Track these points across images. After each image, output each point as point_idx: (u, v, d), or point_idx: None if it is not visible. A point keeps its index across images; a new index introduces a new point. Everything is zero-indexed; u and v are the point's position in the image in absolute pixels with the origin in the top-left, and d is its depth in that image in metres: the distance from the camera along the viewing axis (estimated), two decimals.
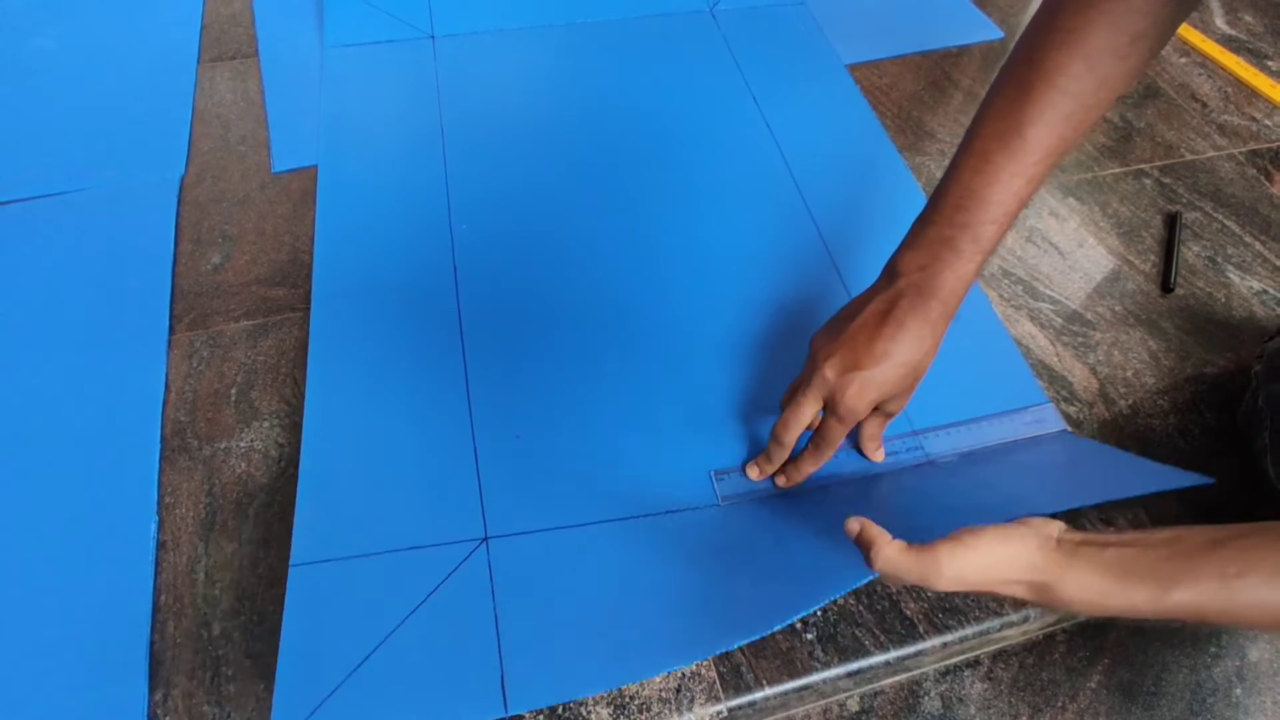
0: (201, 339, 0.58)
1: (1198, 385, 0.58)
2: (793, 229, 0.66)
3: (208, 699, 0.43)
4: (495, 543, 0.48)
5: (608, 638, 0.44)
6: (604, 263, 0.63)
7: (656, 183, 0.69)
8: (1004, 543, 0.37)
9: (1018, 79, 0.44)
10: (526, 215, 0.66)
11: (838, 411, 0.46)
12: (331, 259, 0.62)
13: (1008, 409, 0.56)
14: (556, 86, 0.78)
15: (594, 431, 0.54)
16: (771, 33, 0.84)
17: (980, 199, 0.44)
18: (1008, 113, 0.44)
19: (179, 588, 0.47)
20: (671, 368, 0.57)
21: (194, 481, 0.51)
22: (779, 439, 0.49)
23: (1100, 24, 0.42)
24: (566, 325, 0.59)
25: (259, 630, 0.46)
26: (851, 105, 0.77)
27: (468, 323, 0.59)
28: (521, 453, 0.52)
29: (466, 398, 0.55)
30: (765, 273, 0.63)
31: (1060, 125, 0.43)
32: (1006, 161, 0.44)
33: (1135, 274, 0.65)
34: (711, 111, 0.76)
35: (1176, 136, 0.77)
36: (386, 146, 0.71)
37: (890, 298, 0.46)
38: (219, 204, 0.67)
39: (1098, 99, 0.43)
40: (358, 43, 0.79)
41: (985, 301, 0.63)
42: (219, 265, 0.63)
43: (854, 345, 0.46)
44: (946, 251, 0.45)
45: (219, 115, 0.75)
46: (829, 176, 0.70)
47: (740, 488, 0.51)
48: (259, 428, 0.54)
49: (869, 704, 0.50)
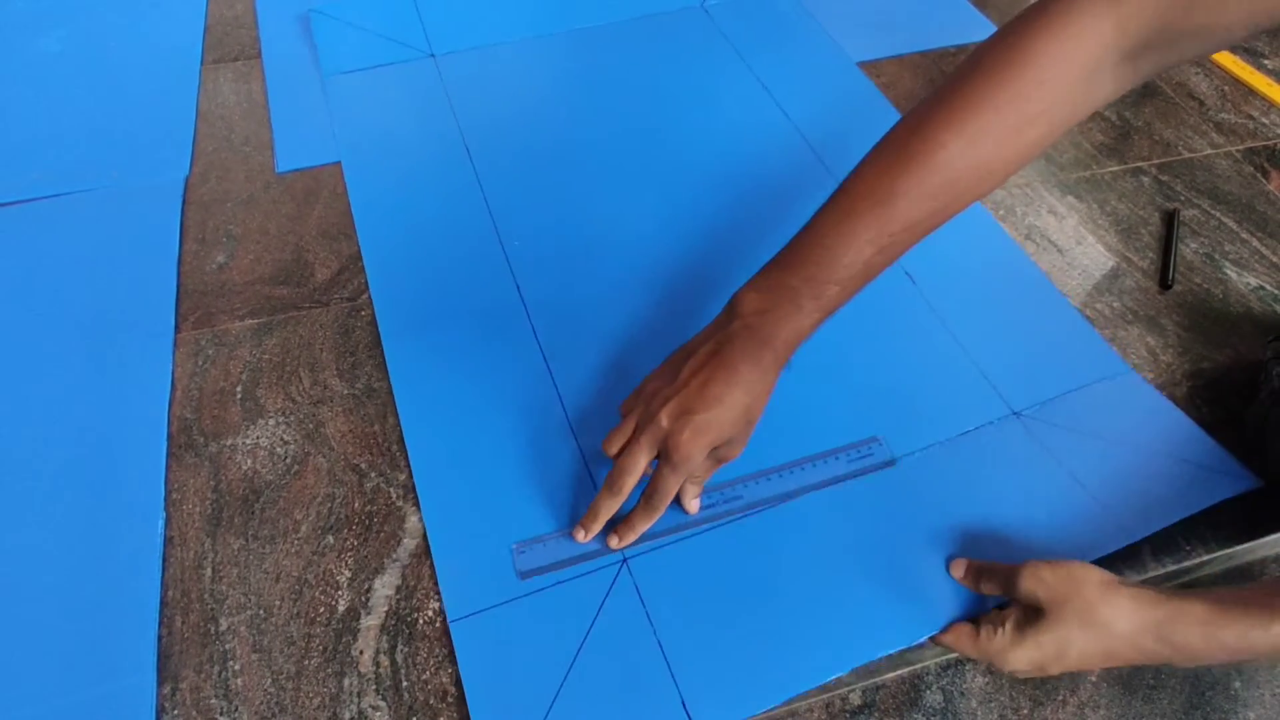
0: (207, 337, 0.59)
1: (1196, 380, 0.59)
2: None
3: (215, 693, 0.44)
4: (634, 561, 0.48)
5: (769, 642, 0.46)
6: (655, 258, 0.64)
7: (688, 176, 0.70)
8: (1111, 605, 0.39)
9: (901, 144, 0.43)
10: (572, 219, 0.67)
11: (672, 459, 0.44)
12: (389, 293, 0.61)
13: (1090, 381, 0.57)
14: (568, 92, 0.79)
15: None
16: (764, 21, 0.86)
17: (832, 257, 0.43)
18: (883, 175, 0.43)
19: (186, 583, 0.47)
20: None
21: (200, 478, 0.52)
22: (615, 488, 0.47)
23: (988, 108, 0.41)
24: (640, 327, 0.60)
25: (266, 625, 0.46)
26: (857, 85, 0.79)
27: (542, 335, 0.59)
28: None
29: (562, 408, 0.55)
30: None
31: (929, 202, 0.43)
32: (866, 227, 0.43)
33: (1134, 271, 0.66)
34: (724, 101, 0.77)
35: (1174, 134, 0.77)
36: (414, 168, 0.71)
37: (724, 338, 0.45)
38: (223, 204, 0.68)
39: (973, 182, 0.43)
40: (358, 68, 0.79)
41: (1045, 280, 0.64)
42: (223, 264, 0.63)
43: (686, 389, 0.44)
44: (787, 302, 0.44)
45: (223, 116, 0.75)
46: (855, 155, 0.72)
47: (542, 560, 0.48)
48: (264, 425, 0.54)
49: (871, 698, 0.50)
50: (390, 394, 0.56)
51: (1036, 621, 0.41)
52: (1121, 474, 0.53)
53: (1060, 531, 0.50)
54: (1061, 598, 0.40)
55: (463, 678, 0.44)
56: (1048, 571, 0.41)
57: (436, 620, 0.46)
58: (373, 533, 0.50)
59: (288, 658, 0.45)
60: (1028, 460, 0.53)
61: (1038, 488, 0.52)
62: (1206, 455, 0.54)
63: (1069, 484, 0.52)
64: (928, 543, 0.50)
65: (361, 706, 0.43)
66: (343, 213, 0.67)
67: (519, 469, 0.52)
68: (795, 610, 0.47)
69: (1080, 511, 0.51)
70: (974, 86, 0.41)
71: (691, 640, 0.46)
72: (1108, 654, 0.40)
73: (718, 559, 0.49)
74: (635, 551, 0.49)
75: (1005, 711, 0.53)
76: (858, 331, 0.59)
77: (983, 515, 0.51)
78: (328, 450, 0.53)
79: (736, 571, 0.48)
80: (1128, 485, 0.52)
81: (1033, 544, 0.50)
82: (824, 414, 0.55)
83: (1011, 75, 0.40)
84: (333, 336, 0.59)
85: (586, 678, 0.44)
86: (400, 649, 0.45)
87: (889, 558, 0.49)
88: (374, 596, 0.47)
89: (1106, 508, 0.51)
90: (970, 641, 0.45)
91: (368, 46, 0.81)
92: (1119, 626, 0.39)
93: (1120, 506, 0.51)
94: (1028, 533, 0.50)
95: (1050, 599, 0.40)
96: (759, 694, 0.44)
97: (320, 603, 0.47)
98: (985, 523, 0.51)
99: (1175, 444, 0.54)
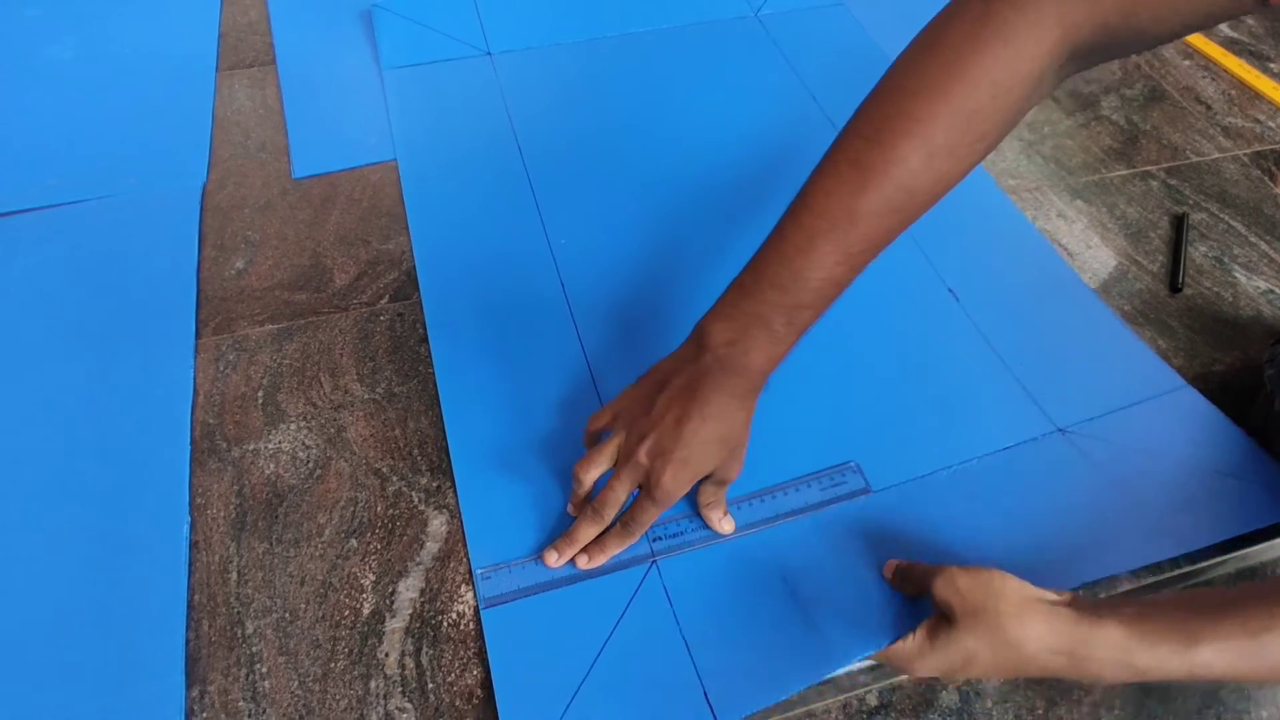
0: (227, 343, 0.59)
1: (1206, 383, 0.59)
2: None
3: (243, 695, 0.44)
4: (663, 562, 0.49)
5: (792, 636, 0.46)
6: (700, 262, 0.65)
7: (735, 183, 0.71)
8: (1023, 624, 0.38)
9: (856, 160, 0.42)
10: (619, 221, 0.68)
11: (654, 495, 0.45)
12: (437, 284, 0.63)
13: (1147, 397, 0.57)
14: (620, 95, 0.79)
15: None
16: (817, 33, 0.86)
17: (801, 280, 0.42)
18: (840, 195, 0.42)
19: (212, 587, 0.48)
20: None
21: (224, 483, 0.52)
22: (596, 518, 0.47)
23: (946, 121, 0.40)
24: (681, 322, 0.60)
25: (292, 629, 0.47)
26: None
27: (585, 335, 0.60)
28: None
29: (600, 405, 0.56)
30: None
31: (891, 218, 0.42)
32: (832, 247, 0.42)
33: (1143, 274, 0.66)
34: (773, 111, 0.78)
35: (1182, 139, 0.78)
36: (466, 162, 0.72)
37: (697, 373, 0.44)
38: (241, 210, 0.68)
39: (930, 196, 0.42)
40: (415, 63, 0.81)
41: (1093, 297, 0.64)
42: (242, 270, 0.64)
43: (663, 427, 0.44)
44: (759, 330, 0.43)
45: (238, 123, 0.76)
46: None
47: (505, 586, 0.48)
48: (286, 430, 0.55)
49: (887, 699, 0.50)
50: (410, 397, 0.57)
51: (947, 629, 0.41)
52: (1172, 488, 0.52)
53: (1104, 549, 0.50)
54: (973, 609, 0.39)
55: (490, 662, 0.45)
56: (964, 579, 0.40)
57: (461, 622, 0.47)
58: (396, 536, 0.50)
59: (314, 660, 0.45)
60: (1073, 475, 0.53)
61: (1081, 503, 0.52)
62: (1265, 473, 0.53)
63: (1115, 495, 0.52)
64: (956, 558, 0.50)
65: (388, 709, 0.44)
66: (360, 218, 0.68)
67: (555, 466, 0.53)
68: (817, 609, 0.47)
69: (1127, 524, 0.51)
70: (929, 98, 0.40)
71: (715, 637, 0.46)
72: (1014, 670, 0.39)
73: (746, 562, 0.49)
74: (664, 552, 0.49)
75: (1021, 711, 0.53)
76: (899, 349, 0.60)
77: (1021, 529, 0.51)
78: (349, 454, 0.54)
79: (763, 575, 0.49)
80: (1179, 500, 0.52)
81: (1073, 559, 0.49)
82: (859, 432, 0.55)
83: (966, 89, 0.40)
84: (352, 341, 0.60)
85: (613, 667, 0.45)
86: (425, 651, 0.46)
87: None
88: (398, 599, 0.48)
89: (1157, 522, 0.51)
90: (880, 654, 0.45)
91: (426, 42, 0.83)
92: (1028, 647, 0.38)
93: (1171, 520, 0.51)
94: (1069, 546, 0.50)
95: (962, 608, 0.40)
96: (776, 685, 0.44)
97: (345, 606, 0.47)
98: (1026, 535, 0.50)
99: (1233, 461, 0.54)
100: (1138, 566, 0.49)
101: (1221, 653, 0.35)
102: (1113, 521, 0.51)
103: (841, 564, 0.49)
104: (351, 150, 0.73)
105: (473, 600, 0.48)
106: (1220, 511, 0.52)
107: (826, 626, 0.47)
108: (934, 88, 0.40)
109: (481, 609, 0.47)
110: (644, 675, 0.45)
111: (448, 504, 0.52)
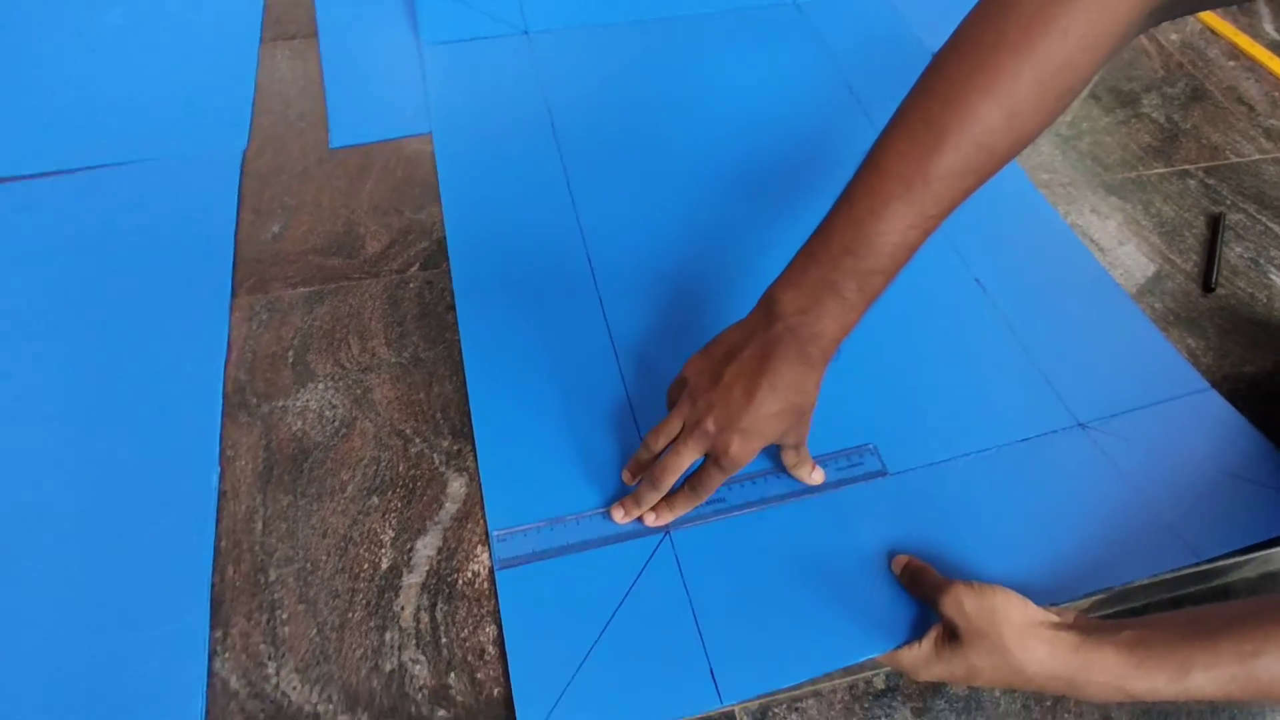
0: (261, 303, 0.61)
1: (1235, 384, 0.58)
2: None
3: (263, 639, 0.46)
4: (677, 534, 0.50)
5: (801, 624, 0.46)
6: (727, 247, 0.65)
7: (767, 168, 0.71)
8: (1025, 649, 0.39)
9: (930, 119, 0.40)
10: (648, 200, 0.68)
11: (720, 463, 0.45)
12: (466, 255, 0.64)
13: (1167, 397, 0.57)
14: (655, 77, 0.80)
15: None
16: (855, 22, 0.86)
17: (872, 245, 0.41)
18: (913, 156, 0.40)
19: (238, 534, 0.49)
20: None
21: (253, 436, 0.54)
22: (656, 484, 0.47)
23: (1030, 75, 0.38)
24: (709, 310, 0.61)
25: (312, 578, 0.48)
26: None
27: (610, 309, 0.61)
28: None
29: (622, 382, 0.56)
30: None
31: (968, 178, 0.40)
32: (905, 210, 0.40)
33: (1176, 273, 0.65)
34: (808, 98, 0.78)
35: (1222, 139, 0.76)
36: (500, 138, 0.73)
37: (767, 342, 0.43)
38: (279, 176, 0.70)
39: (1008, 155, 0.40)
40: (454, 40, 0.82)
41: (1122, 294, 0.63)
42: (278, 234, 0.66)
43: (731, 397, 0.44)
44: (830, 297, 0.42)
45: (279, 92, 0.77)
46: None
47: (520, 549, 0.49)
48: (314, 389, 0.56)
49: (894, 682, 0.50)
50: (436, 363, 0.58)
51: (952, 643, 0.42)
52: (1192, 493, 0.52)
53: (1118, 546, 0.50)
54: (977, 631, 0.40)
55: (503, 621, 0.46)
56: (970, 600, 0.41)
57: (475, 581, 0.48)
58: (416, 495, 0.51)
59: (333, 610, 0.47)
60: (1091, 471, 0.53)
61: (1097, 499, 0.52)
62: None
63: (1131, 497, 0.52)
64: (969, 545, 0.50)
65: (402, 659, 0.45)
66: (393, 188, 0.69)
67: (573, 435, 0.54)
68: (829, 595, 0.48)
69: (1143, 526, 0.50)
70: (1012, 51, 0.38)
71: (725, 614, 0.47)
72: (1015, 686, 0.41)
73: (758, 539, 0.50)
74: (678, 525, 0.50)
75: (1029, 702, 0.53)
76: (923, 336, 0.60)
77: (1036, 521, 0.51)
78: (374, 415, 0.55)
79: (775, 553, 0.49)
80: (1197, 505, 0.51)
81: (1085, 554, 0.49)
82: (879, 416, 0.56)
83: (1053, 40, 0.37)
84: (381, 307, 0.61)
85: (623, 635, 0.45)
86: (440, 607, 0.47)
87: (928, 556, 0.49)
88: (416, 556, 0.49)
89: (1174, 526, 0.50)
90: (887, 656, 0.46)
91: (466, 19, 0.84)
92: (1029, 670, 0.39)
93: (1188, 526, 0.50)
94: (1083, 541, 0.50)
95: (967, 629, 0.41)
96: (783, 671, 0.45)
97: (364, 559, 0.49)
98: (1040, 528, 0.50)
99: (1254, 467, 0.53)
100: (1151, 574, 0.49)
101: (1213, 679, 0.35)
102: (1129, 523, 0.51)
103: (854, 549, 0.49)
104: (388, 122, 0.74)
105: (488, 561, 0.49)
106: (1240, 518, 0.51)
107: (836, 620, 0.47)
108: (1017, 41, 0.38)
109: (496, 570, 0.48)
110: (652, 647, 0.45)
111: (467, 467, 0.53)
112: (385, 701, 0.44)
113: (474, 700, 0.44)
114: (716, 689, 0.44)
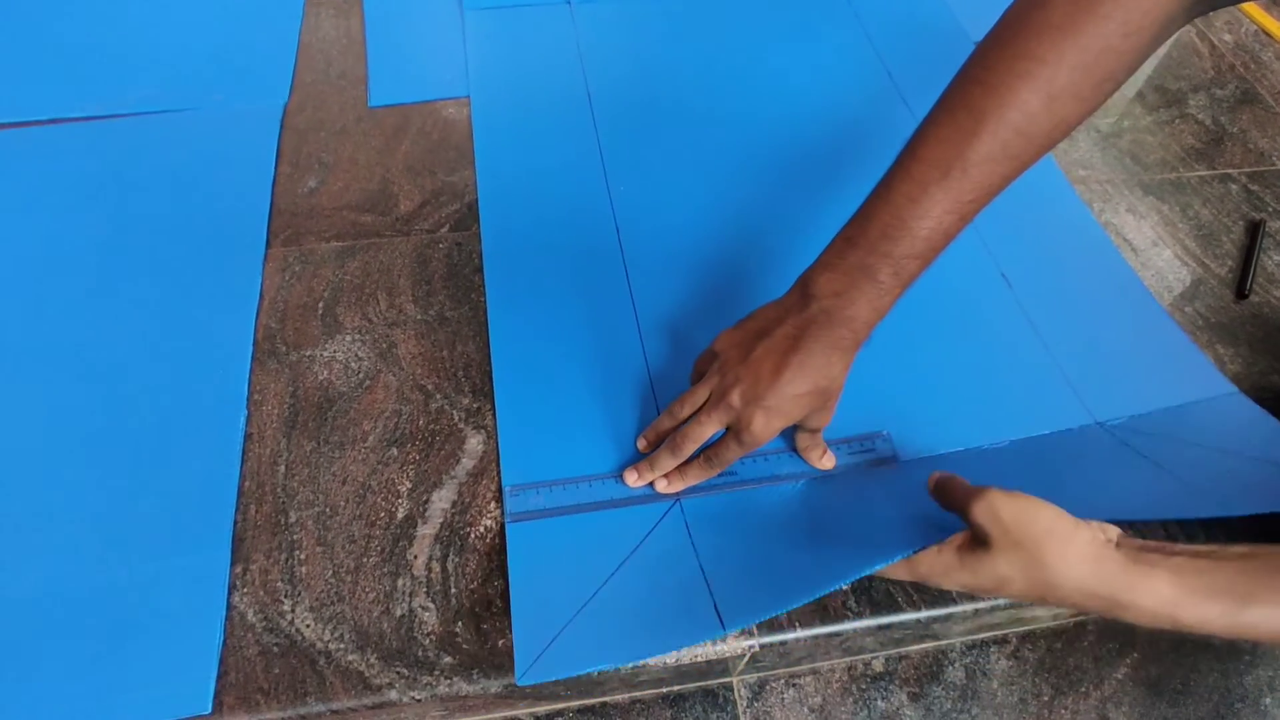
0: (294, 255, 0.62)
1: (1262, 393, 0.57)
2: None
3: (281, 577, 0.47)
4: (687, 502, 0.50)
5: (812, 554, 0.46)
6: (756, 220, 0.65)
7: (799, 143, 0.71)
8: (1067, 563, 0.36)
9: (970, 105, 0.40)
10: (679, 171, 0.69)
11: (740, 437, 0.45)
12: (496, 219, 0.65)
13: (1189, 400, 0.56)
14: (693, 48, 0.80)
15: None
16: (900, 9, 0.85)
17: (909, 231, 0.41)
18: (953, 142, 0.40)
19: (261, 476, 0.51)
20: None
21: (280, 383, 0.55)
22: (675, 451, 0.48)
23: (1072, 60, 0.37)
24: (733, 281, 0.61)
25: (331, 522, 0.49)
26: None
27: (635, 279, 0.61)
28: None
29: (643, 355, 0.57)
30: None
31: (1007, 164, 0.40)
32: (943, 195, 0.40)
33: (1210, 278, 0.64)
34: (843, 74, 0.78)
35: (1270, 144, 0.75)
36: (535, 104, 0.74)
37: (801, 323, 0.44)
38: (317, 132, 0.71)
39: (1048, 141, 0.40)
40: (496, 5, 0.83)
41: (1150, 296, 0.63)
42: (314, 189, 0.67)
43: (759, 373, 0.44)
44: (865, 281, 0.43)
45: (322, 50, 0.78)
46: None
47: (531, 504, 0.50)
48: (341, 340, 0.57)
49: (893, 666, 0.51)
50: (460, 322, 0.59)
51: (980, 551, 0.39)
52: (1216, 471, 0.50)
53: (1137, 495, 0.48)
54: (1012, 540, 0.38)
55: (509, 570, 0.47)
56: (1007, 508, 0.38)
57: (487, 536, 0.49)
58: (434, 449, 0.53)
59: (348, 554, 0.48)
60: (1110, 470, 0.52)
61: (1116, 495, 0.50)
62: None
63: (1152, 477, 0.50)
64: None
65: (412, 605, 0.46)
66: (429, 150, 0.70)
67: (591, 402, 0.55)
68: (838, 553, 0.47)
69: (1162, 492, 0.49)
70: (1054, 36, 0.37)
71: (732, 562, 0.47)
72: (1047, 600, 0.38)
73: (768, 511, 0.50)
74: (689, 493, 0.50)
75: (1026, 695, 0.53)
76: (944, 327, 0.60)
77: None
78: (398, 369, 0.56)
79: (783, 524, 0.49)
80: (1221, 480, 0.49)
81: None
82: (893, 403, 0.56)
83: (1096, 25, 0.37)
84: (411, 265, 0.62)
85: (627, 584, 0.46)
86: (452, 558, 0.48)
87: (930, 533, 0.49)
88: (431, 508, 0.50)
89: (1190, 487, 0.49)
90: (904, 563, 0.43)
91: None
92: (1067, 587, 0.37)
93: (1211, 491, 0.48)
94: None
95: (1001, 537, 0.38)
96: (789, 593, 0.44)
97: (381, 508, 0.50)
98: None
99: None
100: (1177, 516, 0.47)
101: (1269, 617, 0.34)
102: (1146, 489, 0.49)
103: (865, 519, 0.49)
104: (427, 84, 0.75)
105: (500, 517, 0.50)
106: (1270, 491, 0.49)
107: (847, 543, 0.46)
108: (1060, 25, 0.37)
109: (507, 523, 0.49)
110: (655, 591, 0.46)
111: (485, 425, 0.54)
112: (394, 644, 0.45)
113: (478, 648, 0.45)
114: (719, 618, 0.44)
